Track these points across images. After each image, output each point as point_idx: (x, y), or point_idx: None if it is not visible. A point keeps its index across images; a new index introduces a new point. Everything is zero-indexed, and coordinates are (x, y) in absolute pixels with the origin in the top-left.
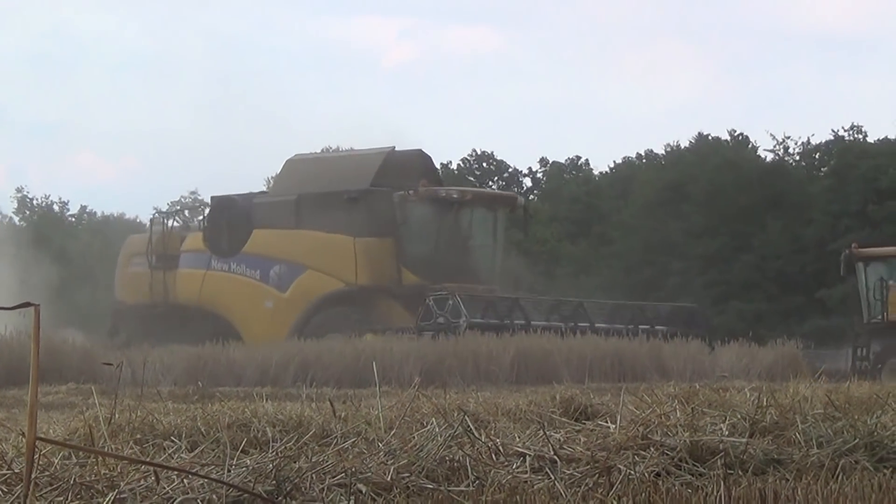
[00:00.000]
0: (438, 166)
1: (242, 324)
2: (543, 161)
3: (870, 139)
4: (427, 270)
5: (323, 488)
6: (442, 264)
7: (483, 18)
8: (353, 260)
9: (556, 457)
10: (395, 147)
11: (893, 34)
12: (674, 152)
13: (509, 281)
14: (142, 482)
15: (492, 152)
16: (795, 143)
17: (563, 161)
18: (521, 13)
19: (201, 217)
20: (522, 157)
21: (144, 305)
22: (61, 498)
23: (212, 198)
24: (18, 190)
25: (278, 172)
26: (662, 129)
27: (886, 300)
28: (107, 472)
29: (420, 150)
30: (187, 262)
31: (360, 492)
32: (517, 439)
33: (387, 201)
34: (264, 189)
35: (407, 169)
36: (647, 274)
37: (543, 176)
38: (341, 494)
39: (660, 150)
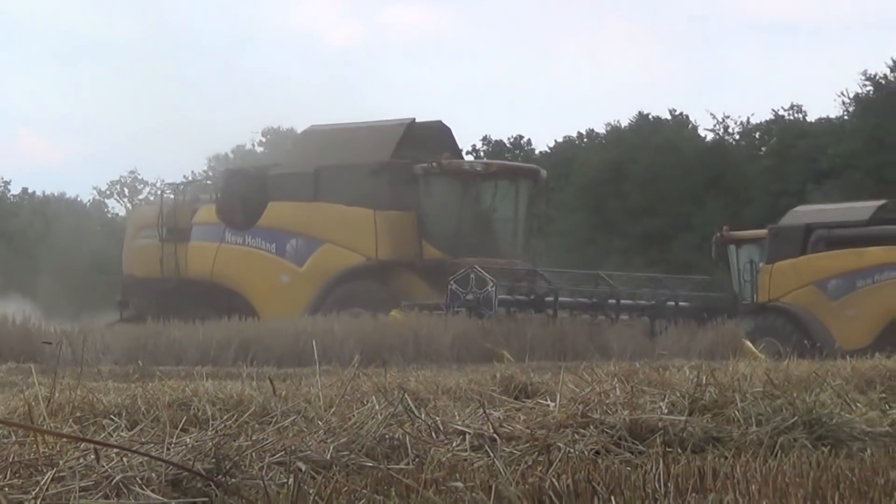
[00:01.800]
0: None
1: (257, 298)
2: (486, 140)
3: (809, 119)
4: (449, 244)
5: (262, 466)
6: (464, 238)
7: None
8: (374, 233)
9: (495, 435)
10: (414, 119)
11: (833, 14)
12: (614, 132)
13: (531, 255)
14: (81, 460)
15: None
16: (735, 123)
17: (505, 140)
18: None
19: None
20: (465, 135)
21: (155, 279)
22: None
23: (225, 169)
24: None
25: (293, 143)
26: (603, 109)
27: (756, 282)
28: (46, 450)
29: (440, 122)
30: (199, 235)
31: (300, 470)
32: (457, 417)
33: (408, 174)
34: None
35: (426, 141)
36: (588, 253)
37: (485, 155)
38: (281, 472)
39: (601, 130)
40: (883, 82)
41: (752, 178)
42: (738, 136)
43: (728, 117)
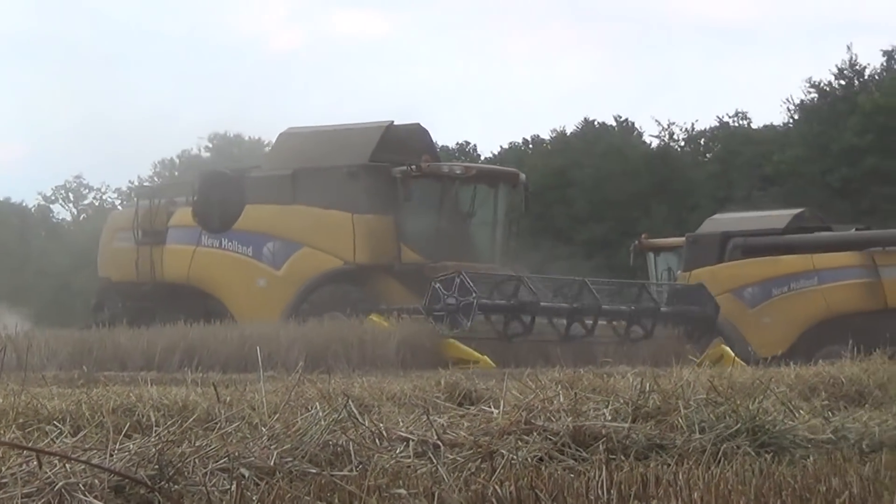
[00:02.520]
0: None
1: (233, 302)
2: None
3: (754, 125)
4: (428, 248)
5: (206, 473)
6: (443, 242)
7: (369, 2)
8: (352, 237)
9: (439, 441)
10: (393, 121)
11: (778, 21)
12: (560, 138)
13: (510, 259)
14: (23, 467)
15: None
16: (680, 129)
17: (451, 146)
18: None
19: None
20: None
21: (130, 283)
22: None
23: (201, 172)
24: None
25: (271, 146)
26: (549, 115)
27: None
28: None
29: (419, 125)
30: (175, 238)
31: (243, 476)
32: (401, 424)
33: (387, 177)
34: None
35: (405, 144)
36: (534, 259)
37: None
38: (224, 479)
39: (546, 136)
40: (827, 89)
41: (698, 184)
42: (683, 143)
43: (673, 124)
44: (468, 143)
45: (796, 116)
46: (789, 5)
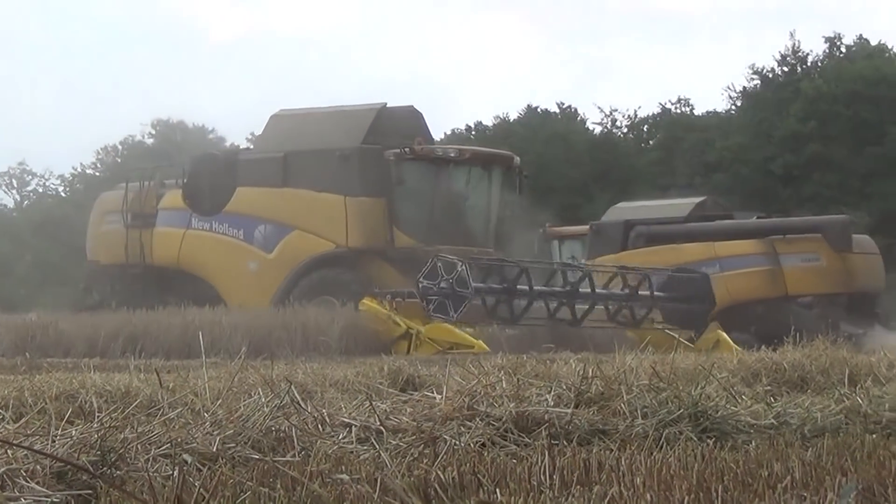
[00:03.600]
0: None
1: (224, 286)
2: None
3: (697, 112)
4: (421, 232)
5: (148, 458)
6: (437, 226)
7: None
8: (344, 220)
9: (382, 427)
10: (386, 103)
11: (721, 7)
12: (503, 125)
13: (505, 243)
14: None
15: None
16: (623, 116)
17: None
18: None
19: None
20: None
21: (119, 266)
22: None
23: (192, 154)
24: None
25: (263, 128)
26: (492, 102)
27: None
28: None
29: (412, 107)
30: (165, 221)
31: (186, 462)
32: (344, 410)
33: (379, 159)
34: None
35: (399, 126)
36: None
37: None
38: (166, 465)
39: (489, 123)
40: (770, 76)
41: (640, 171)
42: (626, 130)
43: (616, 110)
44: None
45: (739, 103)
46: None
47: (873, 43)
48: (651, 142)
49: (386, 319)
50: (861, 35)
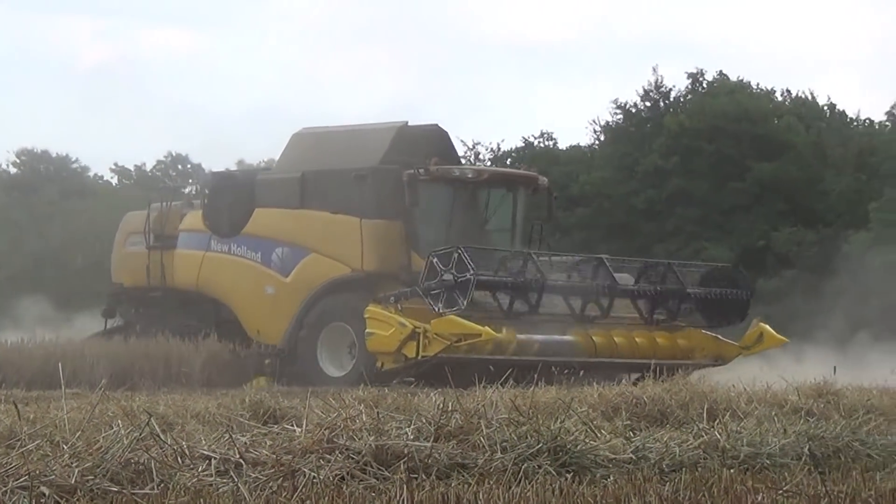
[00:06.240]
0: (133, 167)
1: (242, 310)
2: (242, 164)
3: (561, 146)
4: None
5: (5, 491)
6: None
7: (175, 21)
8: (360, 243)
9: (241, 460)
10: (407, 122)
11: (584, 42)
12: None
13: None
14: None
15: (186, 155)
16: (486, 149)
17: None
18: (217, 16)
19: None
20: (220, 161)
21: (141, 288)
22: None
23: (212, 173)
24: None
25: (284, 147)
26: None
27: None
28: None
29: (437, 126)
30: (185, 243)
31: (44, 494)
32: (203, 442)
33: (397, 180)
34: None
35: (421, 145)
36: None
37: None
38: (24, 497)
39: None
40: (633, 111)
41: None
42: (489, 163)
43: (479, 143)
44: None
45: (602, 138)
46: (596, 27)
47: (733, 79)
48: None
49: (392, 323)
50: (721, 71)
